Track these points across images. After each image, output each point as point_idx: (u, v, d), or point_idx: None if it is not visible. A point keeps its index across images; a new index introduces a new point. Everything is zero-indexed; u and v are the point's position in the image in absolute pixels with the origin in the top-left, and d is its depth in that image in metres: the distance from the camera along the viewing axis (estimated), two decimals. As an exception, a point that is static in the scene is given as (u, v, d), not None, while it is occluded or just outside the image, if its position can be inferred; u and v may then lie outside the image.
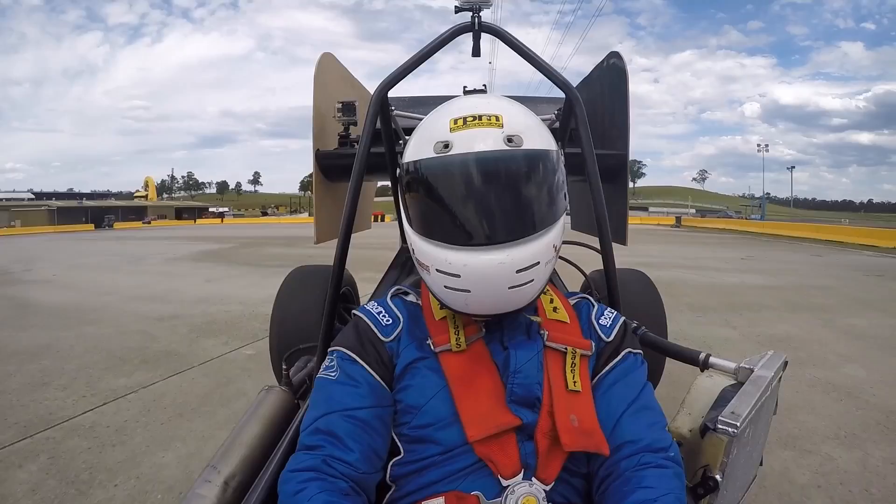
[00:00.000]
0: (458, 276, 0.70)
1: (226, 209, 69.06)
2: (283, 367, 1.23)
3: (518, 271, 0.70)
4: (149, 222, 44.29)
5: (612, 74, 2.22)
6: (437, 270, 0.73)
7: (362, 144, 1.21)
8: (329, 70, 2.30)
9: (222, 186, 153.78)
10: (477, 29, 1.18)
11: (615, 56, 2.19)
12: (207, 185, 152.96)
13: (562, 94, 1.23)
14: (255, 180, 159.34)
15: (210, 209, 63.53)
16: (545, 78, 1.18)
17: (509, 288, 0.70)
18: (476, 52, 1.32)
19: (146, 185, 69.44)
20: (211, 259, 11.17)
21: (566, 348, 0.78)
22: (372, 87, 1.32)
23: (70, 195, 79.24)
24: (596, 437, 0.72)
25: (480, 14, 1.16)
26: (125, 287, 7.10)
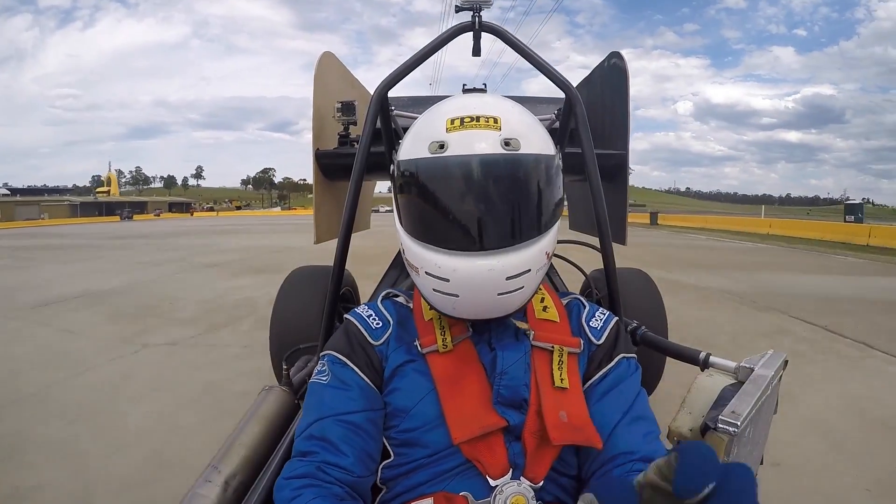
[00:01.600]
0: (447, 280, 0.69)
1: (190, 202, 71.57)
2: (284, 367, 1.23)
3: (508, 278, 0.69)
4: (158, 214, 48.51)
5: (612, 75, 2.22)
6: (426, 273, 0.71)
7: (362, 144, 1.21)
8: (329, 69, 2.30)
9: (169, 182, 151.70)
10: (477, 28, 1.19)
11: (616, 56, 2.19)
12: (152, 180, 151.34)
13: (562, 95, 1.23)
14: (198, 174, 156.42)
15: (191, 204, 66.95)
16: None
17: (498, 294, 0.69)
18: (476, 51, 1.32)
19: (108, 181, 71.50)
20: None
21: (552, 346, 0.78)
22: (371, 87, 1.32)
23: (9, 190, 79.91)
24: (587, 430, 0.71)
25: (481, 14, 1.17)
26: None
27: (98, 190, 71.52)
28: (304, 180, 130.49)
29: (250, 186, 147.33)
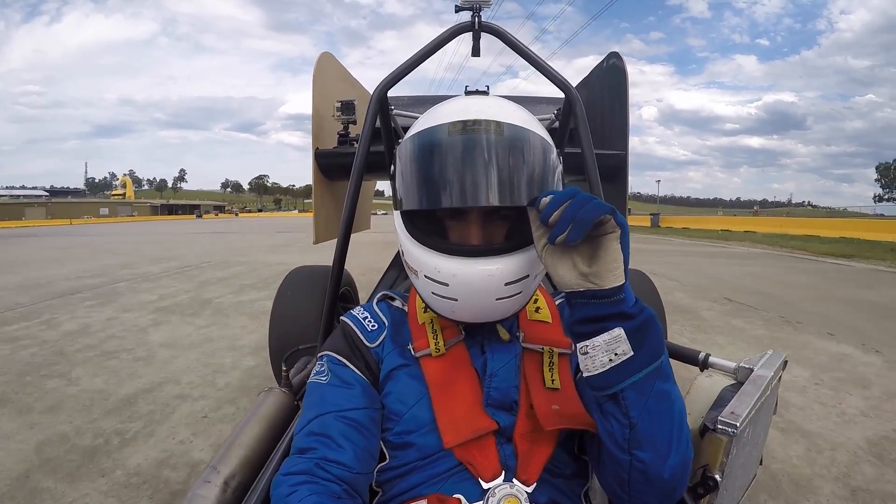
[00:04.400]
0: (447, 284, 0.69)
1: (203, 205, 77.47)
2: (283, 368, 1.22)
3: (507, 284, 0.69)
4: (217, 214, 58.92)
5: (611, 75, 2.22)
6: (425, 276, 0.71)
7: (362, 143, 1.21)
8: (328, 69, 2.29)
9: (161, 185, 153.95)
10: (477, 28, 1.18)
11: (615, 57, 2.19)
12: (143, 182, 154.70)
13: (561, 94, 1.23)
14: (181, 177, 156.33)
15: (225, 207, 75.12)
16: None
17: (497, 299, 0.70)
18: (476, 51, 1.32)
19: (123, 184, 78.78)
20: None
21: (542, 348, 0.78)
22: (371, 87, 1.32)
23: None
24: (580, 417, 0.71)
25: (480, 14, 1.17)
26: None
27: (113, 193, 77.21)
28: (294, 185, 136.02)
29: (230, 189, 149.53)
